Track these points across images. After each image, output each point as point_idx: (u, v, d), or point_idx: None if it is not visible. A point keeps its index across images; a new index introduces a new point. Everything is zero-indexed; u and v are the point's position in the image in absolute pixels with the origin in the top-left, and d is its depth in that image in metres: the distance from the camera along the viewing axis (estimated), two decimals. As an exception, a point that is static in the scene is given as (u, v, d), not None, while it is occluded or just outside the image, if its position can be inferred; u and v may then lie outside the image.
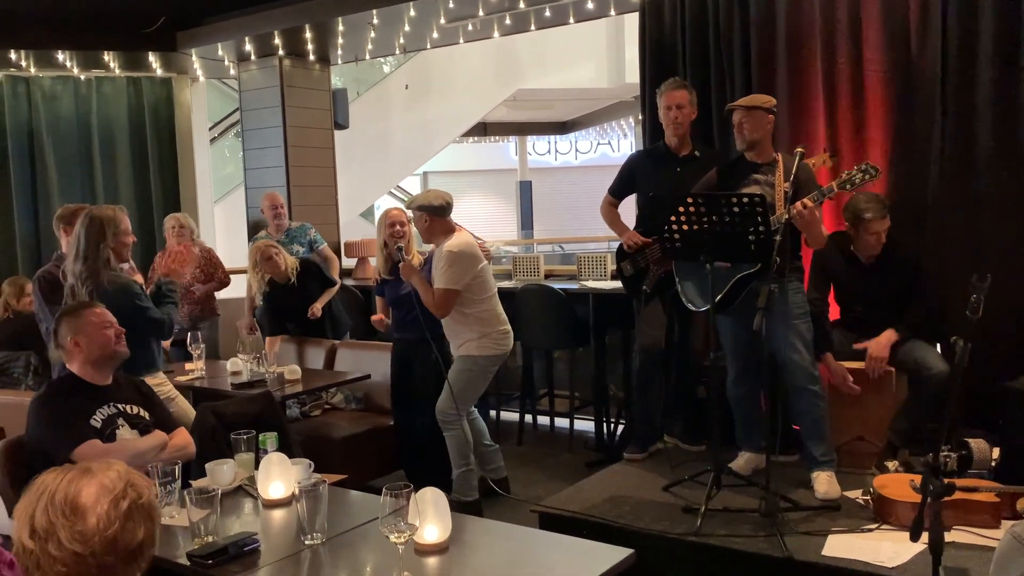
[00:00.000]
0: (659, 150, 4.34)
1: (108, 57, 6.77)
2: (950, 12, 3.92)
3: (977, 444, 3.42)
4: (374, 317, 4.66)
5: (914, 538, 2.16)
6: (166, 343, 4.62)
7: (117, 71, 7.05)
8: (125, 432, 2.89)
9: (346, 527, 2.37)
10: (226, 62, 7.03)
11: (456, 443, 4.13)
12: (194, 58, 6.91)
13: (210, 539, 2.23)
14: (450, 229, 4.10)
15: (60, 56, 6.62)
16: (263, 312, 5.34)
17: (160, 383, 3.62)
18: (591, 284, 5.32)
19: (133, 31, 6.51)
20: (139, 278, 3.85)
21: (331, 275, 5.55)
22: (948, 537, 2.68)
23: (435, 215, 4.06)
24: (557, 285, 5.25)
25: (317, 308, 5.22)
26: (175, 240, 5.62)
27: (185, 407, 3.75)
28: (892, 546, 2.97)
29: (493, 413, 5.74)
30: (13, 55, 6.50)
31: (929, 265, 3.92)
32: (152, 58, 6.89)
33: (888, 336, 3.77)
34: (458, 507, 3.95)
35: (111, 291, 3.51)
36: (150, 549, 1.50)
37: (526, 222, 16.84)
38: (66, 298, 3.62)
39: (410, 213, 4.28)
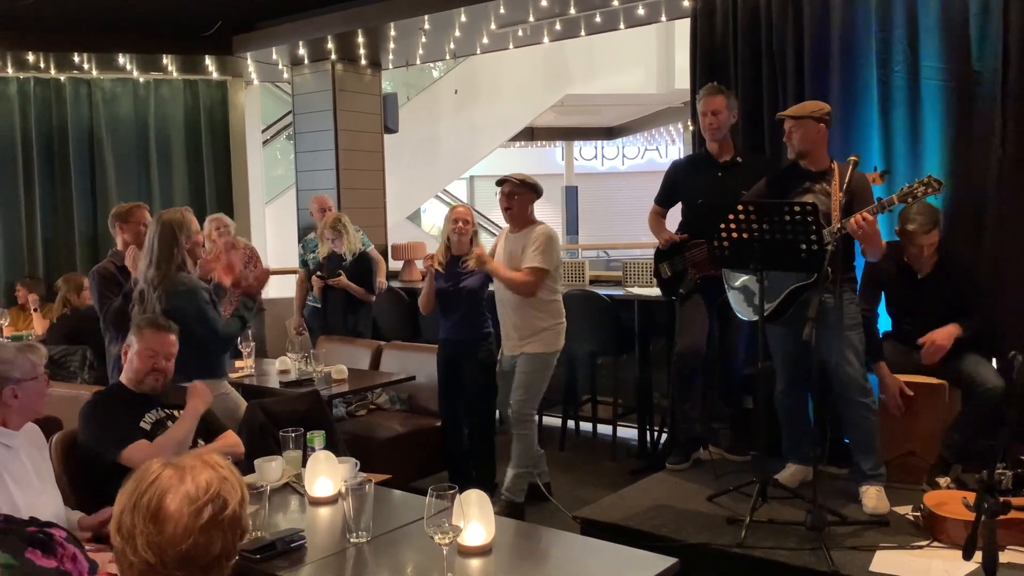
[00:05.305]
0: (700, 156, 4.31)
1: (166, 60, 6.96)
2: (1011, 18, 3.82)
3: (1033, 462, 3.33)
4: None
5: (967, 557, 2.11)
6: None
7: (174, 74, 7.23)
8: None
9: (391, 526, 2.39)
10: (280, 66, 7.16)
11: (526, 445, 4.15)
12: (249, 62, 7.05)
13: (258, 534, 2.26)
14: (534, 218, 4.20)
15: (121, 59, 6.81)
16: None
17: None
18: (636, 291, 5.29)
19: (191, 35, 6.69)
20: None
21: (373, 284, 5.67)
22: (1003, 557, 2.61)
23: (537, 196, 4.17)
24: (602, 291, 5.24)
25: (344, 280, 5.52)
26: (220, 239, 5.69)
27: (238, 399, 3.75)
28: (943, 564, 2.91)
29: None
30: (76, 58, 6.72)
31: (986, 277, 3.83)
32: (208, 61, 7.06)
33: (952, 329, 3.68)
34: (506, 508, 3.99)
35: (176, 295, 3.44)
36: (228, 560, 1.43)
37: (571, 227, 16.78)
38: (135, 302, 3.54)
39: (472, 216, 4.43)
